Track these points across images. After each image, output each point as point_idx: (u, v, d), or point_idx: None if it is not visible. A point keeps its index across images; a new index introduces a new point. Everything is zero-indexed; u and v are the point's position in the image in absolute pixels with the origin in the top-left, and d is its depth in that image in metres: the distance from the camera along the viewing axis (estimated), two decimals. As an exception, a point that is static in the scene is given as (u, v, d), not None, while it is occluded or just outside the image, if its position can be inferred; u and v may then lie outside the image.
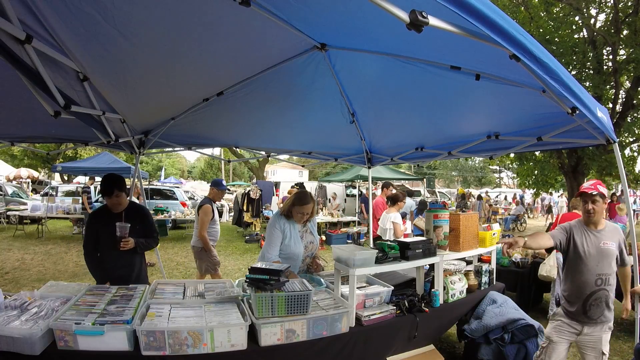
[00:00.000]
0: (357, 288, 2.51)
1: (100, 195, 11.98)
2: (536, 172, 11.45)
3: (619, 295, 3.90)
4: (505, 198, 14.88)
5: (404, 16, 1.07)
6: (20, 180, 16.46)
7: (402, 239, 3.03)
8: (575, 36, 10.59)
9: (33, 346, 1.71)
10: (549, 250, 4.47)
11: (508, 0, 10.97)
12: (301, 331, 2.09)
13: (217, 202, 4.50)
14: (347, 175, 13.96)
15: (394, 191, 5.87)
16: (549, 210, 18.86)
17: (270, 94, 3.16)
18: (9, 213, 11.34)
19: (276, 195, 14.95)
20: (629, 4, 9.77)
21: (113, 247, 2.76)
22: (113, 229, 2.74)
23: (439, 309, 2.78)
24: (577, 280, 2.41)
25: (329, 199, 15.09)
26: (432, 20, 1.10)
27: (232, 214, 12.57)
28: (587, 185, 2.42)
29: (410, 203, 11.89)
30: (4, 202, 12.52)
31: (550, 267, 4.34)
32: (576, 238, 2.44)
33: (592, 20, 10.63)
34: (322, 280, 2.78)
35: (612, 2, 9.96)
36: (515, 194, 22.45)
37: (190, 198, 15.51)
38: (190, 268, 7.32)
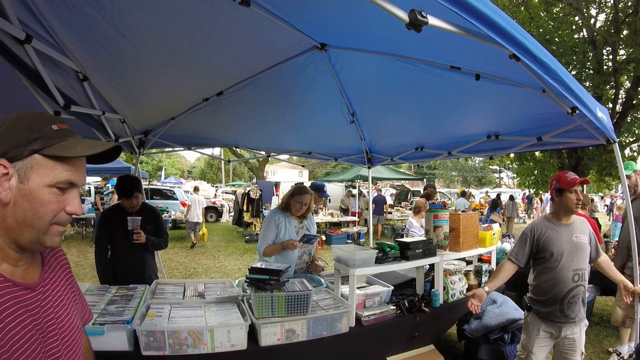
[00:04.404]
0: (357, 288, 2.51)
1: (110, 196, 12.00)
2: (536, 172, 11.44)
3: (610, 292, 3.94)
4: (511, 198, 14.66)
5: (404, 16, 1.07)
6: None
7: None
8: (575, 36, 10.58)
9: (33, 346, 1.71)
10: None
11: (508, 0, 10.97)
12: (301, 331, 2.08)
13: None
14: (347, 175, 13.95)
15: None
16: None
17: (270, 94, 3.16)
18: (9, 213, 11.30)
19: (276, 195, 14.94)
20: (629, 4, 9.76)
21: (125, 246, 2.78)
22: (126, 227, 2.75)
23: (439, 309, 2.77)
24: (554, 279, 2.27)
25: (329, 200, 15.06)
26: (432, 20, 1.10)
27: (232, 214, 12.57)
28: (572, 175, 2.29)
29: (463, 202, 11.92)
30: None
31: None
32: (547, 237, 2.31)
33: (592, 20, 10.62)
34: (322, 280, 2.78)
35: (612, 2, 9.96)
36: (523, 194, 22.25)
37: (190, 198, 15.49)
38: (190, 268, 7.32)
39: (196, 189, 10.33)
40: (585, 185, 2.30)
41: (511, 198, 14.94)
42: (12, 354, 0.71)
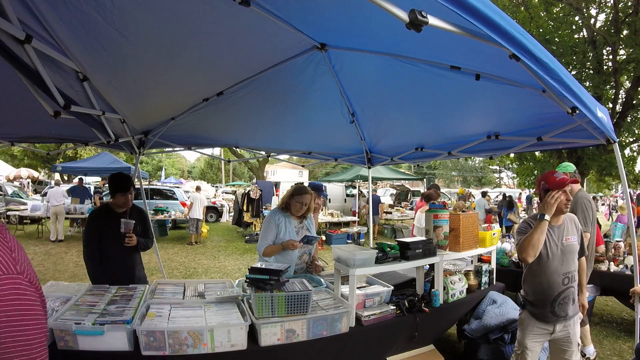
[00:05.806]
0: (357, 288, 2.51)
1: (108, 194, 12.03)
2: (536, 172, 11.46)
3: (620, 296, 3.90)
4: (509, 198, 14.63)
5: (404, 16, 1.07)
6: (21, 180, 16.44)
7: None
8: (575, 36, 10.59)
9: (33, 346, 1.71)
10: None
11: (508, 0, 10.98)
12: (301, 331, 2.09)
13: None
14: (347, 175, 13.97)
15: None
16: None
17: (270, 94, 3.16)
18: (9, 213, 11.33)
19: (276, 195, 14.95)
20: (629, 4, 9.77)
21: (116, 247, 2.78)
22: (116, 227, 2.76)
23: (439, 309, 2.77)
24: (543, 282, 2.25)
25: (329, 200, 15.07)
26: (432, 20, 1.10)
27: (232, 214, 12.59)
28: (561, 175, 2.22)
29: (483, 202, 11.92)
30: (4, 202, 12.50)
31: None
32: None
33: (592, 20, 10.64)
34: (322, 280, 2.78)
35: (612, 2, 9.97)
36: (520, 194, 22.18)
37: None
38: (190, 268, 7.32)
39: (198, 189, 11.30)
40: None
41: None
42: None
